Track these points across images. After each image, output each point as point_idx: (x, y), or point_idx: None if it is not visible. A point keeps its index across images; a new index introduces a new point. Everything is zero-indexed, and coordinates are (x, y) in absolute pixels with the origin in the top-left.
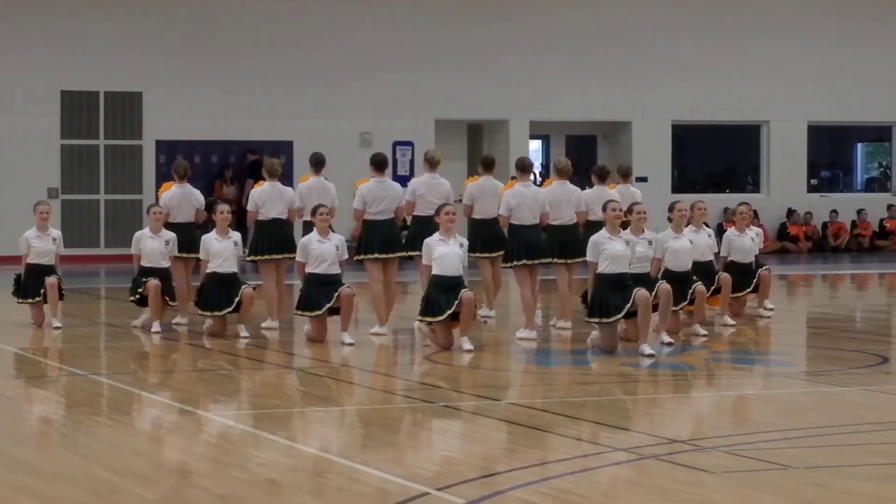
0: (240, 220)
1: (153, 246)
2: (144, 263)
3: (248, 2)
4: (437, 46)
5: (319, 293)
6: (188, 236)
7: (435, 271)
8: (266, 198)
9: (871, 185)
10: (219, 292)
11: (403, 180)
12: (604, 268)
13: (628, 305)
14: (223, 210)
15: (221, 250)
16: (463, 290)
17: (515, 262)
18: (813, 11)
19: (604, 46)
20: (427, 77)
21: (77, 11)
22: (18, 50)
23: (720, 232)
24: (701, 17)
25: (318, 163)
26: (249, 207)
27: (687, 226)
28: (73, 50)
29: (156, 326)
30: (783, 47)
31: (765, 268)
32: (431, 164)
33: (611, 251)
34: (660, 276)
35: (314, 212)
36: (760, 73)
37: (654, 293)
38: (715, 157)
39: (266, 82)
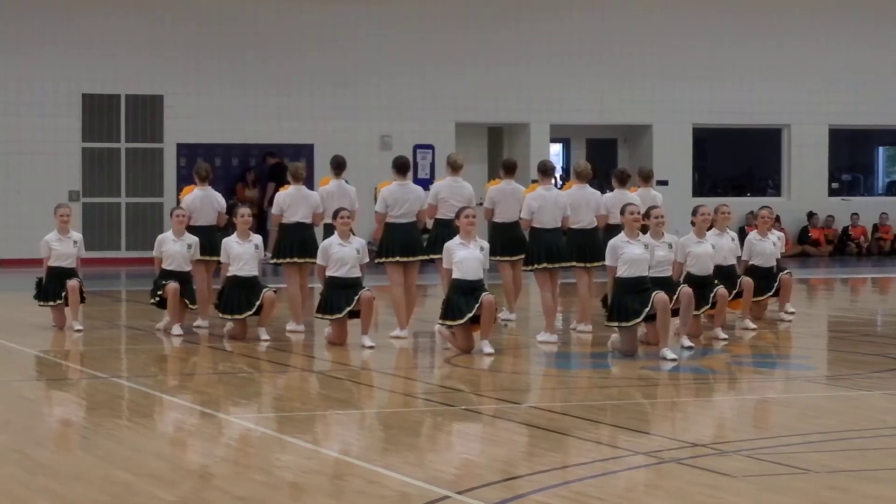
0: (260, 223)
1: (175, 249)
2: (166, 266)
3: (269, 5)
4: (457, 49)
5: (340, 296)
6: (209, 239)
7: (455, 275)
8: (290, 201)
9: (892, 189)
10: (239, 295)
11: (424, 183)
12: (622, 271)
13: (647, 309)
14: (244, 213)
15: (242, 253)
16: (483, 294)
17: (536, 266)
18: (834, 15)
19: (624, 49)
20: (447, 80)
21: (98, 14)
22: (40, 53)
23: (741, 235)
24: (722, 20)
25: (338, 166)
26: (274, 210)
27: (710, 229)
28: (95, 53)
29: (176, 329)
30: (804, 50)
31: (786, 272)
32: (454, 167)
33: (629, 255)
34: (681, 279)
35: (335, 215)
36: (781, 76)
37: (675, 297)
38: (736, 161)
39: (287, 85)
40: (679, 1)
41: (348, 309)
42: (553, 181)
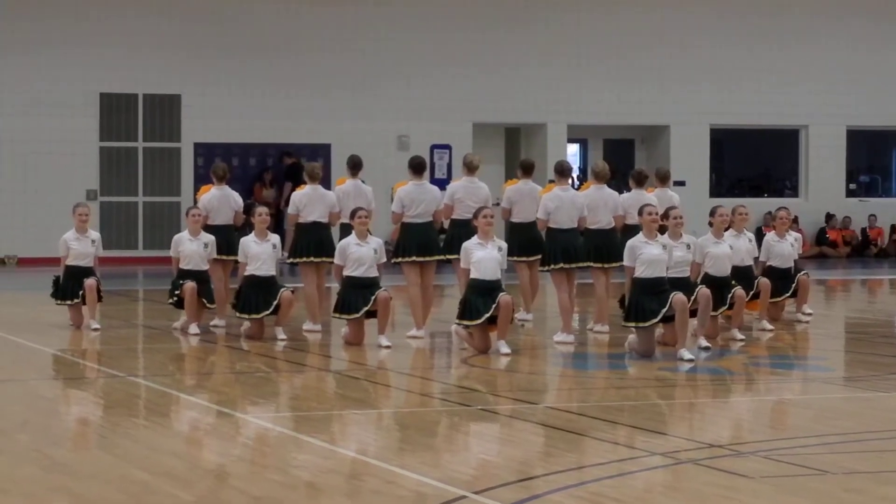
0: (278, 222)
1: (192, 248)
2: (183, 266)
3: (287, 5)
4: (475, 50)
5: (357, 296)
6: (227, 238)
7: (473, 275)
8: (307, 201)
9: None
10: (257, 295)
11: (441, 183)
12: (640, 272)
13: (664, 310)
14: (262, 213)
15: (260, 253)
16: (500, 294)
17: (553, 266)
18: (853, 16)
19: (642, 50)
20: (465, 80)
21: (116, 14)
22: (57, 52)
23: (759, 236)
24: (740, 21)
25: (354, 165)
26: (290, 210)
27: (727, 230)
28: (112, 52)
29: (193, 328)
30: (822, 51)
31: (803, 273)
32: (470, 168)
33: (647, 255)
34: (699, 280)
35: (353, 215)
36: (799, 77)
37: (693, 298)
38: (753, 162)
39: (304, 85)
40: (697, 2)
41: (365, 309)
42: (570, 181)
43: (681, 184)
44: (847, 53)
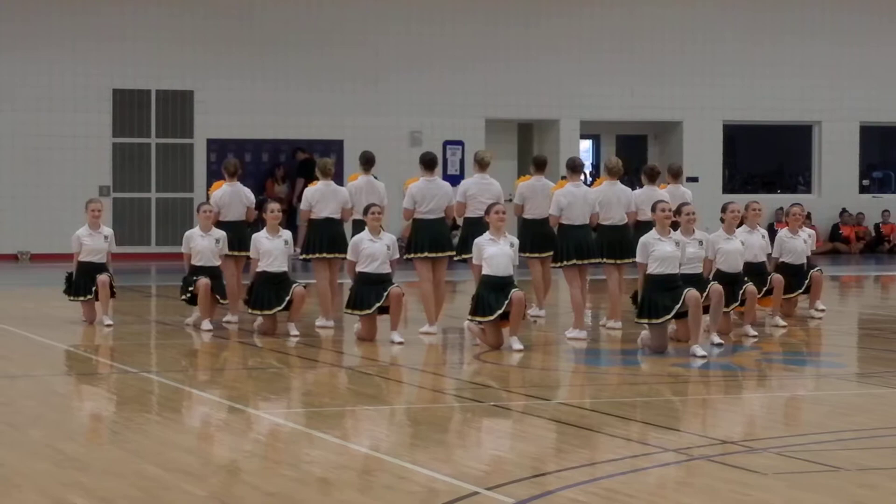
0: (290, 218)
1: (204, 244)
2: (195, 262)
3: (299, 0)
4: (487, 45)
5: (369, 292)
6: (238, 235)
7: (485, 271)
8: (319, 197)
9: None
10: (269, 291)
11: (453, 180)
12: (653, 268)
13: (678, 306)
14: (273, 209)
15: (272, 249)
16: (513, 290)
17: (565, 262)
18: (865, 12)
19: (655, 46)
20: (478, 76)
21: (129, 9)
22: (71, 48)
23: (771, 232)
24: (753, 17)
25: (367, 161)
26: (303, 206)
27: (740, 226)
28: (126, 48)
29: (206, 324)
30: (836, 47)
31: (816, 269)
32: (481, 165)
33: (660, 252)
34: (711, 276)
35: (366, 211)
36: (812, 72)
37: (705, 294)
38: (766, 157)
39: (317, 81)
40: None
41: (378, 305)
42: (582, 177)
43: (693, 180)
44: (860, 49)
